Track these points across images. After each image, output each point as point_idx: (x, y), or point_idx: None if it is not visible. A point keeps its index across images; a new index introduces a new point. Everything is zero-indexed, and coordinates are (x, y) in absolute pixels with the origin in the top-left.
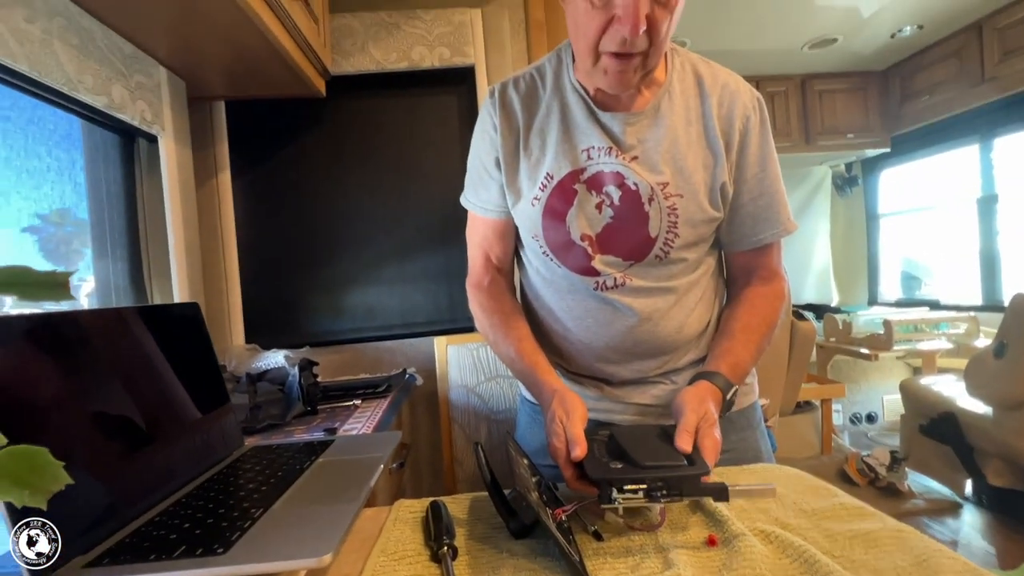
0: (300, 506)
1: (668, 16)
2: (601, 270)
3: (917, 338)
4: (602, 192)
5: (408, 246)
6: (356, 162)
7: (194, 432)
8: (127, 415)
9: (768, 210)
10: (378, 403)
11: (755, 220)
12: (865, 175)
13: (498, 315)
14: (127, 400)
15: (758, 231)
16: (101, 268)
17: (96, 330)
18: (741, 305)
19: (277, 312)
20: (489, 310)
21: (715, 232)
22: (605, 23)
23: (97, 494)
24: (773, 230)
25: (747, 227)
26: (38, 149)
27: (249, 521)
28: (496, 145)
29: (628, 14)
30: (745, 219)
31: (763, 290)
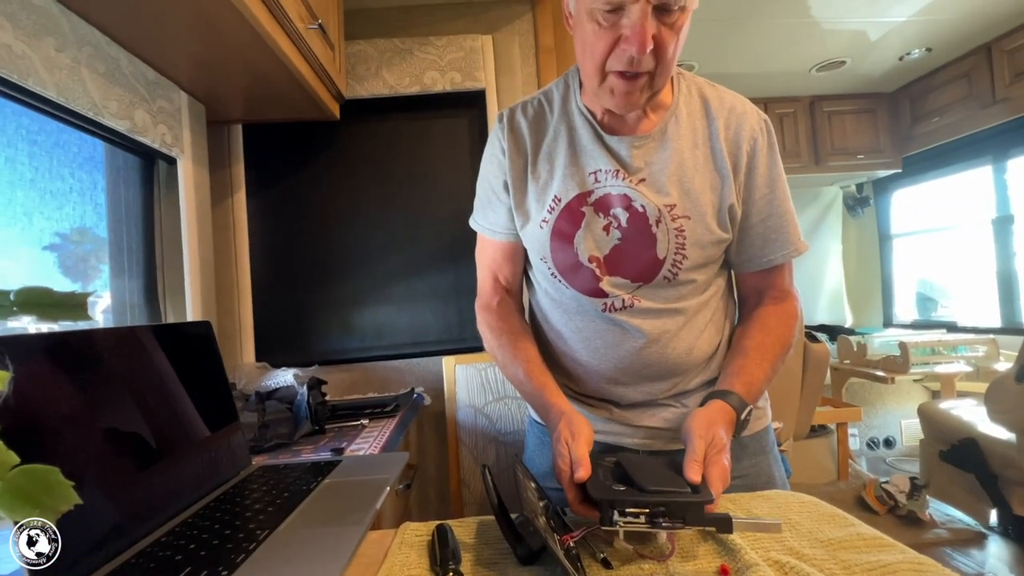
0: (306, 528)
1: (675, 37)
2: (609, 292)
3: (934, 361)
4: (609, 214)
5: (418, 265)
6: (368, 183)
7: (203, 451)
8: (137, 434)
9: (778, 231)
10: (386, 423)
11: (765, 241)
12: (877, 195)
13: (507, 335)
14: (137, 419)
15: (768, 252)
16: (117, 286)
17: (109, 348)
18: (754, 324)
19: (288, 330)
20: (498, 331)
21: (724, 253)
22: (612, 43)
23: (104, 515)
24: (783, 251)
25: (757, 248)
26: (62, 171)
27: (254, 543)
28: (504, 169)
29: (635, 33)
30: (755, 240)
31: (775, 310)
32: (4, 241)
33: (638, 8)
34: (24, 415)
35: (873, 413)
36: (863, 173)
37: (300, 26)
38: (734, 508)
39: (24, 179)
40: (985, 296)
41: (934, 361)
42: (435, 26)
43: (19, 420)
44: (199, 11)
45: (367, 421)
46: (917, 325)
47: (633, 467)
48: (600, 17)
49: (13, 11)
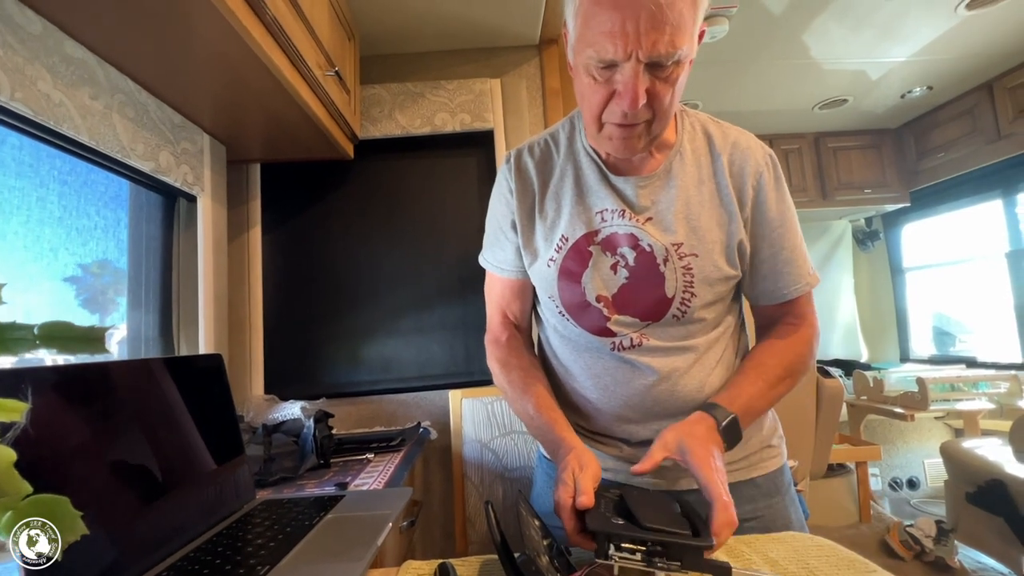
0: (306, 564)
1: (670, 89)
2: (617, 331)
3: (955, 397)
4: (616, 253)
5: (426, 300)
6: (380, 220)
7: (208, 484)
8: (144, 466)
9: (789, 265)
10: (391, 457)
11: (777, 276)
12: (887, 229)
13: (517, 371)
14: (146, 451)
15: (781, 287)
16: (134, 318)
17: (121, 381)
18: (760, 347)
19: (297, 363)
20: (508, 366)
21: (734, 290)
22: (607, 97)
23: (108, 547)
24: (796, 285)
25: (770, 283)
26: (88, 209)
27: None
28: (512, 208)
29: (627, 90)
30: (767, 275)
31: (784, 331)
32: (30, 275)
33: (629, 67)
34: (36, 445)
35: (894, 452)
36: (871, 207)
37: (318, 73)
38: (748, 551)
39: (53, 217)
40: (1004, 330)
41: (954, 398)
42: (446, 70)
43: (32, 450)
44: (226, 62)
45: (372, 455)
46: (935, 360)
47: (635, 502)
48: (595, 72)
49: (54, 63)
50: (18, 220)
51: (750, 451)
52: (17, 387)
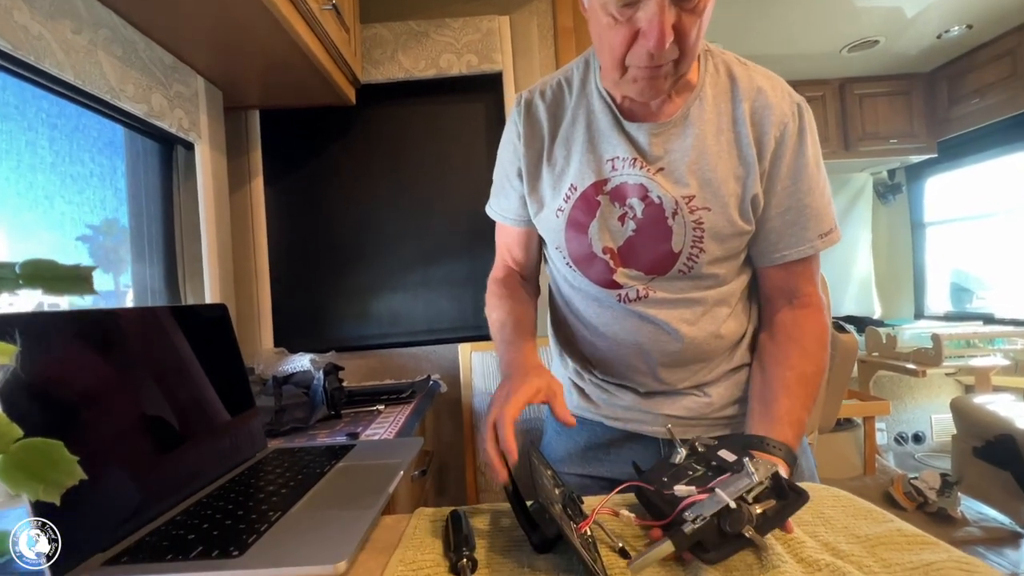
0: (318, 510)
1: (696, 21)
2: (623, 283)
3: (970, 354)
4: (625, 204)
5: (434, 252)
6: (384, 169)
7: (219, 433)
8: (155, 413)
9: (794, 226)
10: (401, 409)
11: (779, 236)
12: (909, 182)
13: (507, 300)
14: (156, 398)
15: (781, 247)
16: (138, 271)
17: (128, 328)
18: (791, 346)
19: (305, 316)
20: (499, 296)
21: (747, 247)
22: (630, 38)
23: (123, 491)
24: (797, 247)
25: (770, 242)
26: (82, 155)
27: (266, 524)
28: (519, 155)
29: (652, 28)
30: (769, 234)
31: (808, 323)
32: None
33: (654, 1)
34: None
35: (902, 407)
36: (895, 158)
37: (314, 6)
38: None
39: (44, 163)
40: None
41: (969, 354)
42: (451, 7)
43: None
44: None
45: (383, 407)
46: (951, 317)
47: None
48: (614, 11)
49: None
50: (8, 165)
51: None
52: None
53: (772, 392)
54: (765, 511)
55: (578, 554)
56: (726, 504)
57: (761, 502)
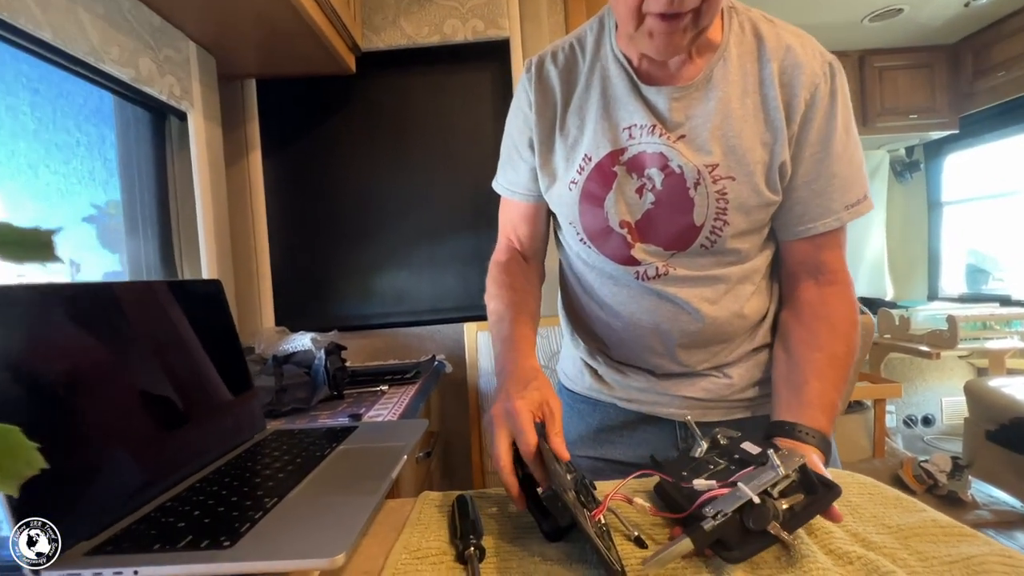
0: (317, 497)
1: None
2: (641, 259)
3: (985, 336)
4: (644, 175)
5: (439, 229)
6: (386, 141)
7: (213, 414)
8: (143, 394)
9: (821, 196)
10: (405, 390)
11: (805, 206)
12: (927, 160)
13: (508, 290)
14: (144, 378)
15: (807, 219)
16: (132, 246)
17: (110, 304)
18: (820, 325)
19: (307, 295)
20: (499, 283)
21: (771, 219)
22: None
23: (109, 477)
24: (823, 219)
25: (795, 213)
26: (66, 123)
27: (261, 512)
28: (530, 124)
29: None
30: (794, 204)
31: (836, 301)
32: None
33: None
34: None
35: (912, 390)
36: (914, 135)
37: None
38: None
39: (26, 130)
40: None
41: (984, 336)
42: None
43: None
44: None
45: (386, 387)
46: (966, 299)
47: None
48: None
49: None
50: None
51: None
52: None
53: (801, 375)
54: (792, 506)
55: (592, 544)
56: (749, 499)
57: (788, 496)
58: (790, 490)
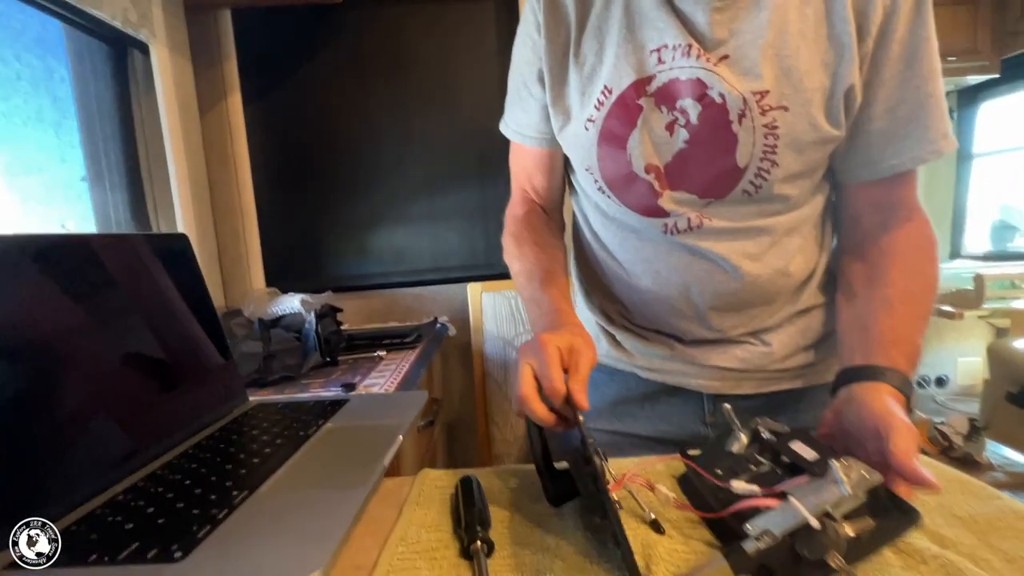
0: (293, 490)
1: None
2: (670, 210)
3: (1012, 295)
4: (675, 108)
5: (440, 180)
6: (380, 81)
7: (181, 387)
8: (93, 364)
9: (911, 124)
10: (404, 356)
11: (888, 140)
12: (961, 107)
13: (530, 246)
14: (94, 346)
15: (891, 155)
16: (98, 197)
17: (58, 258)
18: (888, 261)
19: (299, 253)
20: (520, 240)
21: (827, 159)
22: None
23: (47, 466)
24: (912, 153)
25: (875, 150)
26: (3, 53)
27: (227, 509)
28: (539, 52)
29: None
30: (875, 138)
31: (910, 236)
32: None
33: None
34: None
35: (928, 350)
36: (950, 80)
37: None
38: None
39: None
40: None
41: (1012, 296)
42: None
43: None
44: None
45: (384, 353)
46: (991, 257)
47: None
48: None
49: None
50: None
51: (831, 352)
52: None
53: (870, 315)
54: (859, 534)
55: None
56: (805, 522)
57: (852, 520)
58: (856, 511)
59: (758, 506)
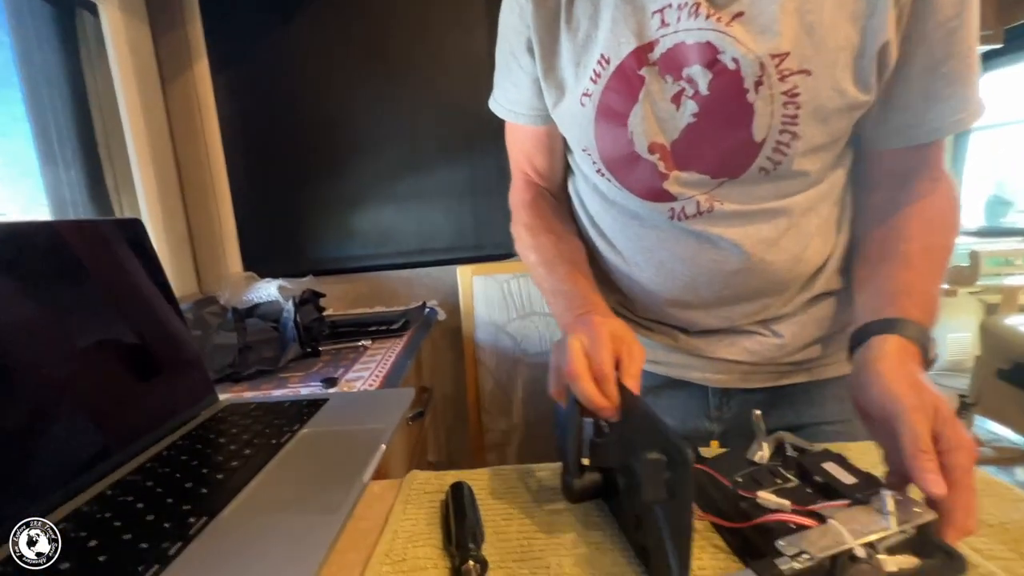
0: (258, 515)
1: None
2: (677, 193)
3: (1007, 272)
4: (682, 76)
5: (426, 157)
6: (362, 50)
7: (136, 390)
8: (25, 366)
9: (956, 84)
10: (391, 344)
11: (929, 101)
12: None
13: (546, 235)
14: (27, 346)
15: (932, 118)
16: (51, 177)
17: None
18: (906, 218)
19: (278, 236)
20: (535, 230)
21: (851, 129)
22: None
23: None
24: (957, 115)
25: (914, 111)
26: None
27: (180, 542)
28: (528, 19)
29: None
30: (913, 99)
31: (931, 196)
32: None
33: None
34: None
35: None
36: None
37: None
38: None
39: None
40: None
41: (1006, 272)
42: None
43: None
44: None
45: (369, 342)
46: (984, 233)
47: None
48: None
49: None
50: None
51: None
52: None
53: (884, 271)
54: (901, 570)
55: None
56: (849, 548)
57: (895, 554)
58: (900, 547)
59: (788, 523)
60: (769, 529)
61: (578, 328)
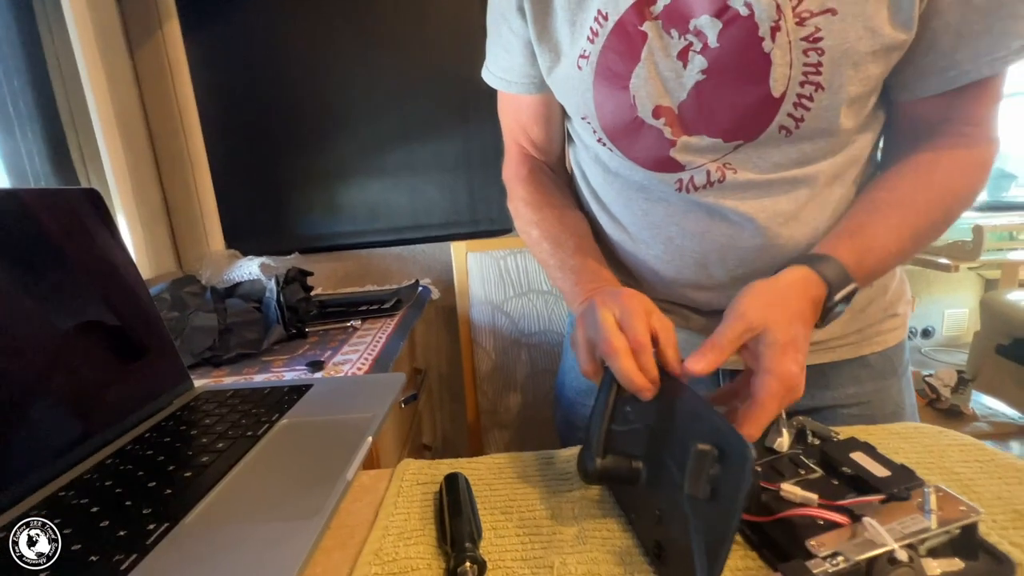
0: (228, 521)
1: None
2: (686, 161)
3: (1009, 247)
4: (688, 30)
5: (418, 127)
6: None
7: (96, 379)
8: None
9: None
10: (382, 324)
11: (960, 35)
12: None
13: (548, 209)
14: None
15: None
16: (9, 145)
17: None
18: (904, 168)
19: (261, 211)
20: (535, 205)
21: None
22: None
23: None
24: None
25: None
26: None
27: (136, 555)
28: None
29: None
30: (940, 36)
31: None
32: None
33: None
34: None
35: (916, 303)
36: None
37: None
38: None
39: None
40: None
41: (1008, 247)
42: None
43: None
44: None
45: (359, 322)
46: (984, 207)
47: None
48: None
49: None
50: None
51: (869, 322)
52: None
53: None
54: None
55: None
56: (889, 550)
57: (938, 557)
58: (942, 549)
59: (815, 518)
60: (795, 525)
61: (606, 300)
